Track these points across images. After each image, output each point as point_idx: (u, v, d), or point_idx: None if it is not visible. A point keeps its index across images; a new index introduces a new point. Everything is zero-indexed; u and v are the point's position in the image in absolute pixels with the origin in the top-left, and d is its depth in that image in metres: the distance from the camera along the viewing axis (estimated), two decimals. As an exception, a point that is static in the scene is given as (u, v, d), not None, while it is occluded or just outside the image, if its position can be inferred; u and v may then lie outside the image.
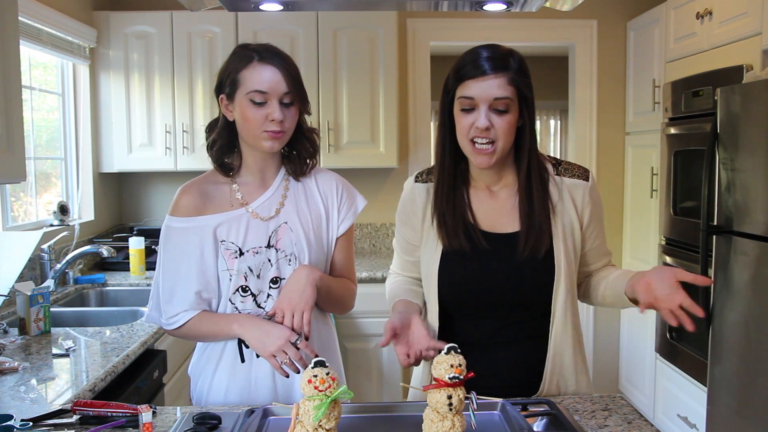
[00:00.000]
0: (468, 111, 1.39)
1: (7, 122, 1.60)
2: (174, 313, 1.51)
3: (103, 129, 3.42)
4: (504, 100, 1.36)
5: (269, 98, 1.46)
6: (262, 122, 1.46)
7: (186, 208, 1.52)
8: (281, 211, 1.55)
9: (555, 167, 1.50)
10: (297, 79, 1.49)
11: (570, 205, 1.47)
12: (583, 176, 1.49)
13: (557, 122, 7.46)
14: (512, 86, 1.37)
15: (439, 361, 1.14)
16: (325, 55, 3.36)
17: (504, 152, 1.42)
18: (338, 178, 1.65)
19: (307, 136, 1.58)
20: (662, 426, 3.17)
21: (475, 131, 1.38)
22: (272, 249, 1.52)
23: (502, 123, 1.37)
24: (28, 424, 1.30)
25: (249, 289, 1.51)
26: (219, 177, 1.57)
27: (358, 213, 1.63)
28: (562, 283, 1.44)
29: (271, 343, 1.40)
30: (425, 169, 1.58)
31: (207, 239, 1.50)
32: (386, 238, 3.83)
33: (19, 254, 2.36)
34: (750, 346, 2.26)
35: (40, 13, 2.78)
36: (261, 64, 1.46)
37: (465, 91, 1.38)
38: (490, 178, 1.50)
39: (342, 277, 1.64)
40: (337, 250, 1.62)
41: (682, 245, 2.99)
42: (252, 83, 1.46)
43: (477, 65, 1.37)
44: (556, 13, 2.11)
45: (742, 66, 2.49)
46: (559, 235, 1.45)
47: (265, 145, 1.49)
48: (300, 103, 1.51)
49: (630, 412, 1.36)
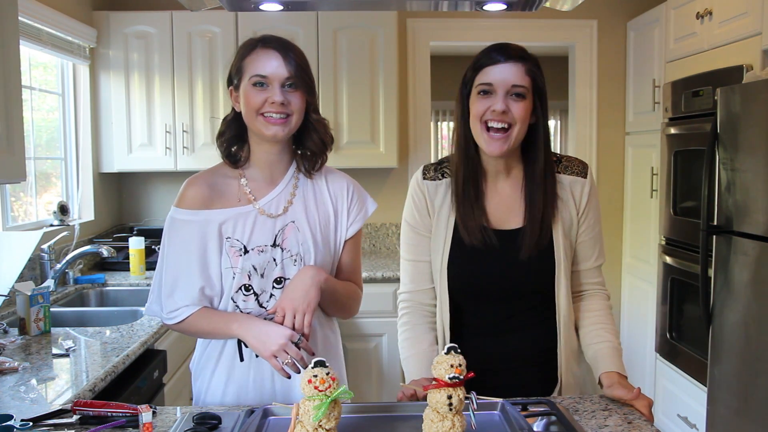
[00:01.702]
0: (485, 95, 1.42)
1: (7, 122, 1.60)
2: (175, 308, 1.48)
3: (103, 129, 3.42)
4: (521, 88, 1.41)
5: (270, 82, 1.44)
6: (261, 106, 1.44)
7: (192, 200, 1.49)
8: (289, 209, 1.52)
9: (556, 164, 1.53)
10: (300, 65, 1.47)
11: (570, 200, 1.52)
12: (582, 173, 1.54)
13: (557, 122, 7.46)
14: (529, 77, 1.42)
15: (439, 361, 1.14)
16: (325, 55, 3.35)
17: (517, 141, 1.45)
18: (349, 180, 1.61)
19: (316, 128, 1.53)
20: (662, 426, 3.17)
21: (490, 114, 1.41)
22: (278, 248, 1.49)
23: (518, 109, 1.41)
24: (28, 424, 1.30)
25: (252, 288, 1.49)
26: (228, 170, 1.54)
27: (368, 216, 1.61)
28: (563, 274, 1.50)
29: (271, 343, 1.38)
30: (432, 164, 1.58)
31: (211, 234, 1.47)
32: (386, 238, 3.83)
33: (19, 254, 2.36)
34: (750, 346, 2.26)
35: (40, 13, 2.78)
36: (263, 50, 1.46)
37: (484, 77, 1.43)
38: (497, 170, 1.51)
39: (348, 280, 1.61)
40: (345, 253, 1.59)
41: (682, 245, 2.99)
42: (254, 68, 1.45)
43: (496, 54, 1.43)
44: (556, 13, 2.11)
45: (742, 66, 2.49)
46: (559, 230, 1.49)
47: (267, 132, 1.45)
48: (305, 91, 1.48)
49: (630, 412, 1.36)
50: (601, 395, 1.45)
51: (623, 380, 1.43)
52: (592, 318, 1.53)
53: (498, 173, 1.52)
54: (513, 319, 1.52)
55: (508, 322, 1.52)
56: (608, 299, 1.58)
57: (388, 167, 3.58)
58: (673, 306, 3.12)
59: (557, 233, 1.49)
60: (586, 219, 1.53)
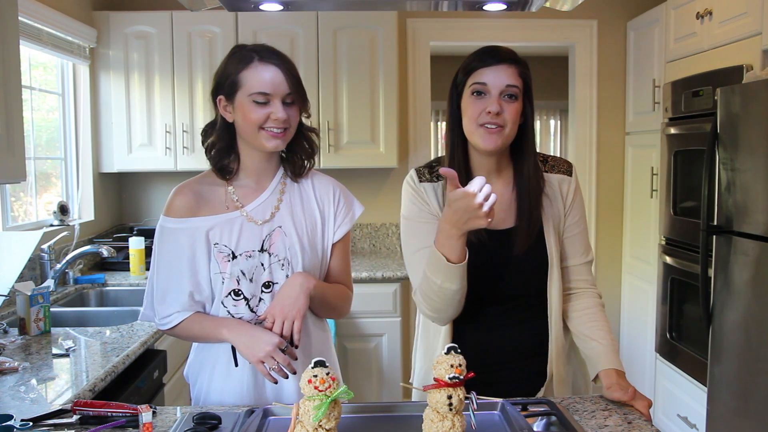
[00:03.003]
0: (479, 95, 1.45)
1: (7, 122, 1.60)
2: (167, 314, 1.51)
3: (103, 129, 3.42)
4: (514, 88, 1.45)
5: (272, 99, 1.45)
6: (264, 122, 1.46)
7: (179, 209, 1.52)
8: (276, 215, 1.54)
9: (543, 163, 1.58)
10: (297, 79, 1.49)
11: (558, 198, 1.56)
12: (567, 172, 1.59)
13: (557, 122, 7.46)
14: (521, 78, 1.47)
15: (439, 361, 1.14)
16: (325, 55, 3.35)
17: (509, 139, 1.48)
18: (335, 184, 1.63)
19: (306, 136, 1.58)
20: (662, 426, 3.17)
21: (485, 116, 1.44)
22: (265, 253, 1.51)
23: (511, 110, 1.45)
24: (28, 424, 1.30)
25: (242, 292, 1.50)
26: (215, 178, 1.56)
27: (354, 220, 1.62)
28: (555, 271, 1.53)
29: (259, 349, 1.40)
30: (423, 166, 1.59)
31: (199, 241, 1.50)
32: (386, 238, 3.83)
33: (19, 254, 2.36)
34: (750, 346, 2.26)
35: (40, 13, 2.78)
36: (262, 64, 1.46)
37: (478, 78, 1.46)
38: (489, 168, 1.54)
39: (338, 283, 1.62)
40: (334, 257, 1.61)
41: (682, 245, 2.99)
42: (254, 84, 1.45)
43: (488, 57, 1.47)
44: (556, 13, 2.11)
45: (742, 66, 2.49)
46: (550, 228, 1.53)
47: (268, 145, 1.48)
48: (301, 103, 1.50)
49: (630, 412, 1.36)
50: (600, 395, 1.45)
51: (622, 379, 1.44)
52: (585, 316, 1.55)
53: (490, 173, 1.54)
54: (506, 316, 1.55)
55: (501, 319, 1.55)
56: (599, 297, 1.59)
57: (388, 167, 3.58)
58: (673, 306, 3.12)
59: (548, 231, 1.53)
60: (571, 214, 1.57)
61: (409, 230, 1.56)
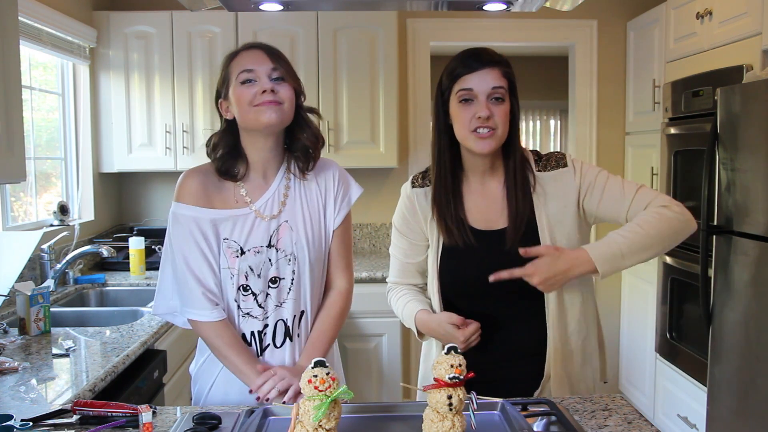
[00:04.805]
0: (467, 102, 1.46)
1: (7, 122, 1.60)
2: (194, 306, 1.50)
3: (103, 129, 3.42)
4: (501, 89, 1.47)
5: (258, 76, 1.47)
6: (253, 98, 1.46)
7: (190, 192, 1.51)
8: (283, 210, 1.54)
9: (537, 162, 1.57)
10: (282, 57, 1.51)
11: (557, 194, 1.53)
12: (562, 163, 1.55)
13: (557, 122, 7.46)
14: (505, 78, 1.48)
15: (439, 361, 1.14)
16: (325, 55, 3.35)
17: (503, 140, 1.50)
18: (335, 166, 1.63)
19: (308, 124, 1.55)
20: (662, 426, 3.17)
21: (476, 122, 1.45)
22: (273, 248, 1.52)
23: (500, 112, 1.47)
24: (28, 424, 1.30)
25: (250, 288, 1.51)
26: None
27: (352, 203, 1.62)
28: None
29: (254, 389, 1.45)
30: (420, 173, 1.63)
31: (210, 234, 1.50)
32: (386, 238, 3.83)
33: (19, 254, 2.36)
34: (750, 346, 2.26)
35: (40, 13, 2.78)
36: (246, 51, 1.52)
37: (464, 84, 1.47)
38: (484, 169, 1.55)
39: (338, 269, 1.61)
40: (334, 243, 1.60)
41: (682, 245, 2.96)
42: (240, 66, 1.48)
43: (472, 61, 1.47)
44: (556, 13, 2.11)
45: (742, 66, 2.49)
46: (544, 227, 1.52)
47: (263, 119, 1.46)
48: (292, 80, 1.50)
49: (630, 412, 1.36)
50: (600, 395, 1.45)
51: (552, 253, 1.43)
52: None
53: (484, 173, 1.55)
54: (503, 316, 1.55)
55: (498, 319, 1.55)
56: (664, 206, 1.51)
57: (388, 167, 3.58)
58: (673, 306, 3.12)
59: (542, 230, 1.51)
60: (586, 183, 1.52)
61: (394, 238, 1.67)
